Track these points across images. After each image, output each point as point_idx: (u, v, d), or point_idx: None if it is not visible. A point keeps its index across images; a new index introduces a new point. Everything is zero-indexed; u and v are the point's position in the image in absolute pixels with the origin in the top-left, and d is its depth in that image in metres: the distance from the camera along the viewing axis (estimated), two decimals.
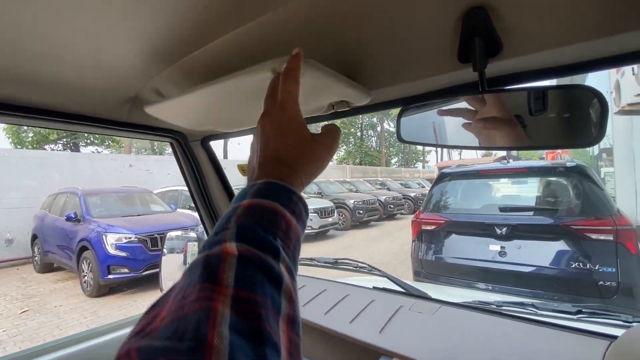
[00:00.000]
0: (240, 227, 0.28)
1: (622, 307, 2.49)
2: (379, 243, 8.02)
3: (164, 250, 1.40)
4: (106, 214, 5.96)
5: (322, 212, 8.55)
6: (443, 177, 3.65)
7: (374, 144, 35.23)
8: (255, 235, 0.28)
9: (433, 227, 3.39)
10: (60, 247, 6.00)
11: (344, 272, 1.29)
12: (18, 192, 7.80)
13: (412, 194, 13.51)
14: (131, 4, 0.43)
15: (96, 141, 16.92)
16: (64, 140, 15.98)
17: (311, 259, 1.37)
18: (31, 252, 6.98)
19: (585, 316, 0.85)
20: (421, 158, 41.35)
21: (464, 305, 0.92)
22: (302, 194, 0.37)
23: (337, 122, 0.87)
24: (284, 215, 0.31)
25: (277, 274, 0.26)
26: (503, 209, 3.07)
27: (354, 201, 10.19)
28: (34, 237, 6.90)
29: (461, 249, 3.19)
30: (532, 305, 0.92)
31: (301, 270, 0.73)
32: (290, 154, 0.38)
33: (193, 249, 1.58)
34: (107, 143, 17.48)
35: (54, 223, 6.32)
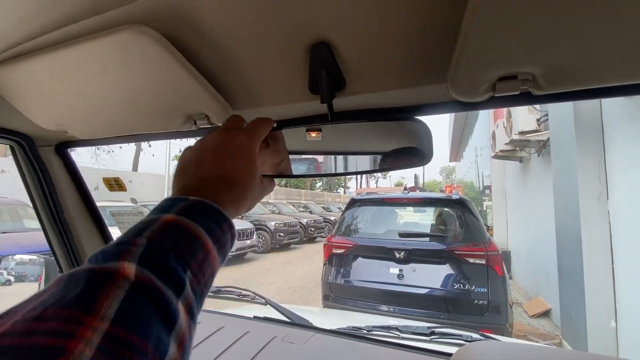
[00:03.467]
0: (149, 247, 0.25)
1: (493, 322, 2.89)
2: (297, 266, 7.97)
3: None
4: None
5: (241, 234, 8.18)
6: (353, 203, 3.85)
7: None
8: (163, 262, 0.25)
9: (342, 250, 3.50)
10: None
11: (230, 301, 1.21)
12: None
13: (333, 218, 13.97)
14: None
15: None
16: None
17: None
18: None
19: (437, 337, 0.93)
20: (343, 184, 43.60)
21: (336, 332, 0.93)
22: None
23: None
24: (205, 244, 0.28)
25: (172, 313, 0.23)
26: (402, 235, 3.36)
27: (275, 223, 10.05)
28: None
29: (366, 272, 3.35)
30: (396, 329, 0.98)
31: None
32: (239, 179, 0.36)
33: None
34: None
35: None
